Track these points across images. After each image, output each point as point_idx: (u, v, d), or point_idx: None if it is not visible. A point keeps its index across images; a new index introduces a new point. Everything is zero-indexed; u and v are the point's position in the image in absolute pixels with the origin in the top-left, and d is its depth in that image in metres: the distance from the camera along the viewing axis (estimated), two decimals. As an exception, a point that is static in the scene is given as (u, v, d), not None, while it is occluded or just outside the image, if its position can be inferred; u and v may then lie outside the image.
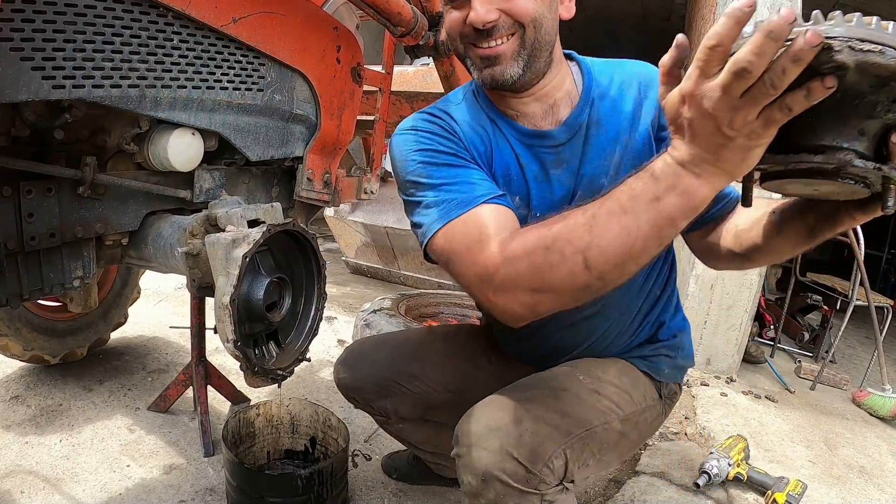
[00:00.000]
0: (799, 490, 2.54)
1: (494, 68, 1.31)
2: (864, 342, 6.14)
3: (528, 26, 1.27)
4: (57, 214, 1.38)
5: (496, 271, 1.09)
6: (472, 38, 1.31)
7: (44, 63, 1.14)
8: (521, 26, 1.27)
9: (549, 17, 1.29)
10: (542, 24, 1.28)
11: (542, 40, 1.29)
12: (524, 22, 1.26)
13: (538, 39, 1.29)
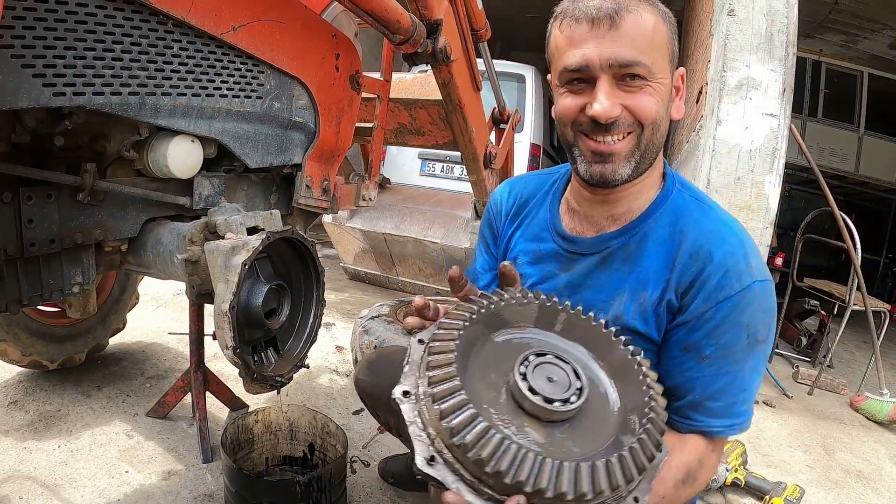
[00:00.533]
0: (797, 495, 2.54)
1: (605, 166, 1.24)
2: (862, 347, 6.15)
3: (647, 127, 1.21)
4: (57, 220, 1.39)
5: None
6: (587, 128, 1.24)
7: (45, 70, 1.15)
8: (640, 126, 1.21)
9: (665, 120, 1.24)
10: (661, 125, 1.23)
11: (656, 143, 1.25)
12: (644, 123, 1.21)
13: (653, 142, 1.24)
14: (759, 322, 1.19)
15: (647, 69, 1.17)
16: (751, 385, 1.23)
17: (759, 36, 3.87)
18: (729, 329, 1.18)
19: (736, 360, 1.19)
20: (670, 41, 1.22)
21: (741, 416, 1.23)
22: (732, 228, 1.25)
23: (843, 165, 10.31)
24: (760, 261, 1.21)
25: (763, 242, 3.89)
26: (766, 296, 1.20)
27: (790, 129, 3.95)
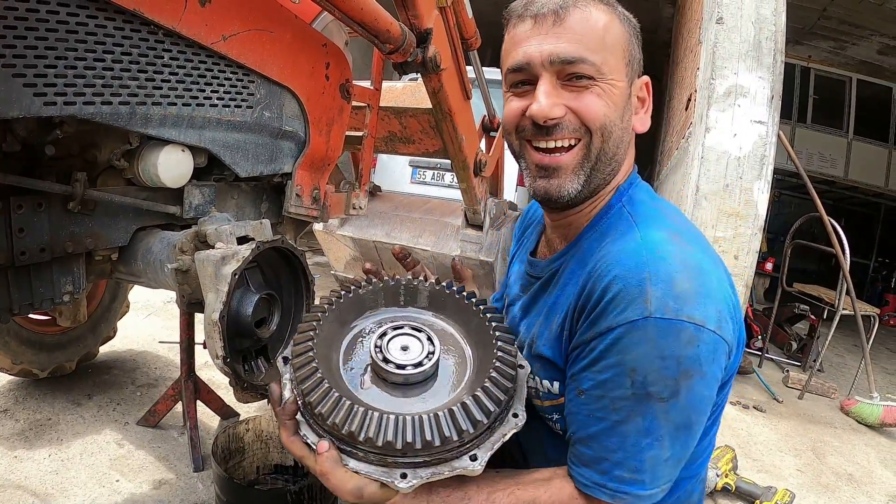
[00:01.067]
0: (787, 499, 2.56)
1: (550, 181, 1.16)
2: (852, 350, 6.19)
3: (595, 133, 1.12)
4: (47, 229, 1.39)
5: None
6: (529, 133, 1.15)
7: (35, 80, 1.15)
8: (587, 132, 1.12)
9: (619, 127, 1.13)
10: (612, 132, 1.12)
11: (608, 152, 1.14)
12: (592, 127, 1.11)
13: (604, 151, 1.13)
14: (652, 370, 0.95)
15: (594, 68, 1.08)
16: (636, 449, 0.99)
17: (747, 43, 3.90)
18: (610, 367, 0.99)
19: (616, 408, 0.99)
20: (628, 44, 1.13)
21: (616, 482, 1.00)
22: (641, 249, 1.02)
23: (832, 170, 10.38)
24: (671, 293, 0.95)
25: (752, 249, 3.91)
26: (665, 340, 0.95)
27: (778, 136, 3.98)
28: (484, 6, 11.08)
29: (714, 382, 1.01)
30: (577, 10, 1.09)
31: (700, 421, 1.02)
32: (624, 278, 0.99)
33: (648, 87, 1.19)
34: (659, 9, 9.87)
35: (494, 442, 0.97)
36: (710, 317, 0.96)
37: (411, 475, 0.93)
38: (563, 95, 1.10)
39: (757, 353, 5.09)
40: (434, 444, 0.91)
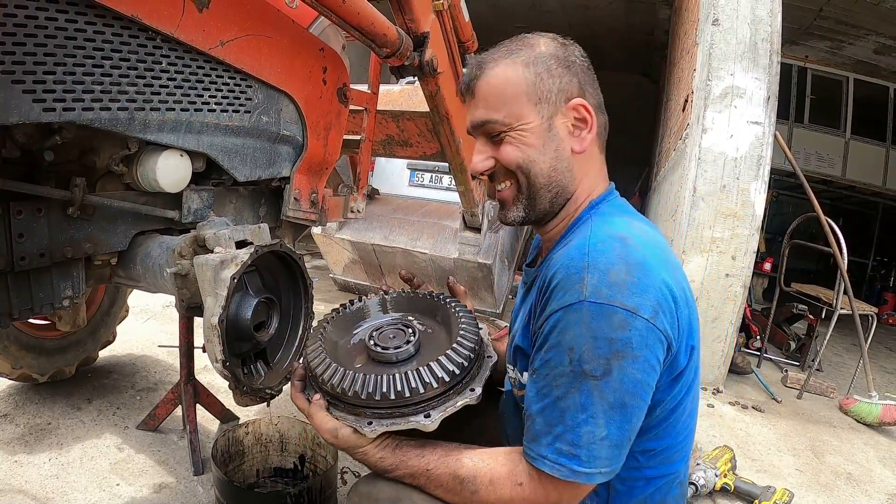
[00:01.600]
0: (786, 499, 2.56)
1: (501, 211, 1.38)
2: (851, 349, 6.19)
3: (517, 173, 1.28)
4: (47, 234, 1.40)
5: None
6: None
7: (35, 86, 1.16)
8: (512, 173, 1.29)
9: (542, 160, 1.27)
10: (531, 168, 1.27)
11: (537, 184, 1.28)
12: (512, 169, 1.28)
13: (532, 183, 1.28)
14: (587, 349, 1.05)
15: (500, 123, 1.26)
16: (573, 424, 1.07)
17: (743, 45, 3.91)
18: (554, 348, 1.10)
19: (557, 384, 1.09)
20: (532, 85, 1.25)
21: (556, 453, 1.08)
22: (586, 243, 1.14)
23: (829, 170, 10.38)
24: (606, 282, 1.06)
25: (749, 249, 3.92)
26: (598, 321, 1.05)
27: (775, 137, 3.99)
28: (482, 10, 11.08)
29: (649, 368, 1.09)
30: (480, 79, 1.29)
31: (634, 405, 1.09)
32: (567, 267, 1.12)
33: (580, 107, 1.27)
34: (656, 11, 9.89)
35: (447, 406, 1.19)
36: (643, 306, 1.06)
37: (376, 423, 1.17)
38: (491, 150, 1.31)
39: (755, 354, 5.10)
40: (389, 396, 1.15)
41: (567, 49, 1.30)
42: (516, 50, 1.29)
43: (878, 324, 4.73)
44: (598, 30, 12.20)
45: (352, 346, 1.41)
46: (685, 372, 1.20)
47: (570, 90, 1.27)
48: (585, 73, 1.30)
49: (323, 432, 1.22)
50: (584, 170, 1.32)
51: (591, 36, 12.73)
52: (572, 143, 1.28)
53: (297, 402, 1.30)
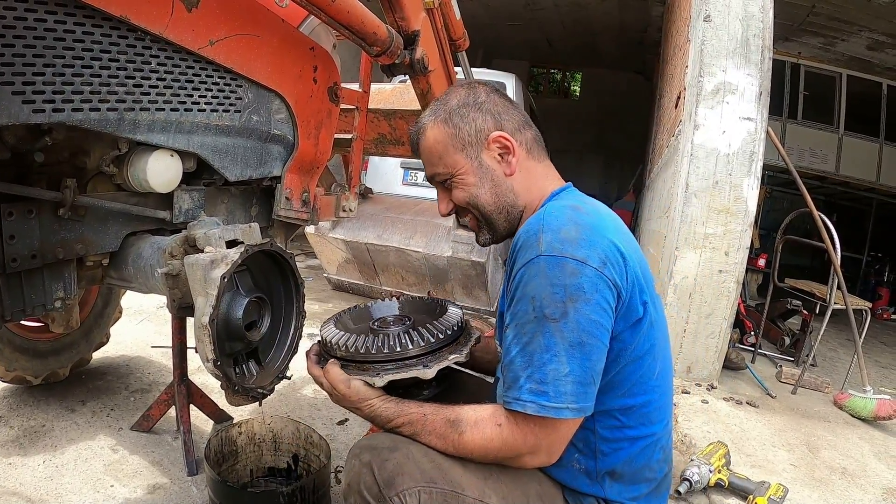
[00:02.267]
0: (780, 494, 2.57)
1: (475, 237, 1.63)
2: (845, 344, 6.21)
3: (469, 208, 1.54)
4: (38, 236, 1.40)
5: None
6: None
7: (24, 88, 1.15)
8: (465, 208, 1.55)
9: (483, 193, 1.50)
10: (477, 201, 1.51)
11: (487, 211, 1.52)
12: (464, 206, 1.54)
13: (483, 212, 1.52)
14: (546, 296, 1.22)
15: (444, 174, 1.52)
16: (539, 363, 1.22)
17: (734, 41, 3.92)
18: (520, 300, 1.27)
19: (525, 332, 1.25)
20: (454, 136, 1.49)
21: (526, 393, 1.22)
22: (542, 213, 1.34)
23: (823, 166, 10.40)
24: (558, 238, 1.24)
25: (742, 245, 3.93)
26: (553, 271, 1.23)
27: (767, 133, 4.00)
28: (475, 9, 11.09)
29: (600, 311, 1.24)
30: (420, 144, 1.56)
31: (592, 343, 1.23)
32: (526, 233, 1.32)
33: (501, 138, 1.49)
34: (649, 8, 9.91)
35: (441, 360, 1.40)
36: (591, 257, 1.23)
37: (383, 373, 1.36)
38: (445, 195, 1.57)
39: (750, 349, 5.10)
40: (395, 349, 1.38)
41: (475, 92, 1.52)
42: (436, 110, 1.52)
43: (873, 319, 4.76)
44: (591, 27, 12.22)
45: (359, 329, 1.64)
46: (643, 321, 1.34)
47: (487, 127, 1.49)
48: (496, 104, 1.51)
49: (337, 383, 1.38)
50: (526, 183, 1.52)
51: (585, 34, 12.77)
52: (503, 169, 1.50)
53: (313, 372, 1.48)
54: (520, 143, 1.51)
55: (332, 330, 1.52)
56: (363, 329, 1.63)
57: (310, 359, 1.53)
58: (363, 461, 1.27)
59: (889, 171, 10.46)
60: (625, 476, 1.40)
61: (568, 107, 17.60)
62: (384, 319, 1.65)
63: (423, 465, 1.27)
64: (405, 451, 1.28)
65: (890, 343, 6.92)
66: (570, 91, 19.03)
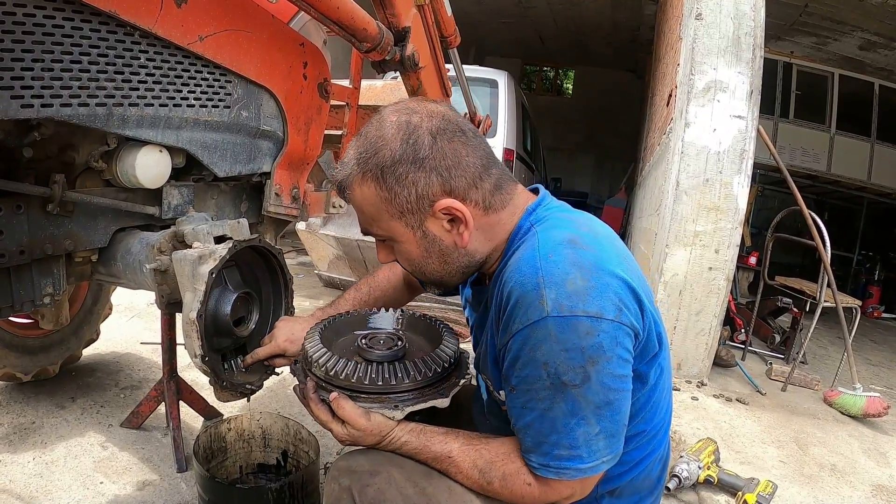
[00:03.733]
0: (769, 490, 2.58)
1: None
2: (835, 342, 6.23)
3: (412, 272, 1.35)
4: (26, 231, 1.39)
5: None
6: None
7: (12, 82, 1.15)
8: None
9: (430, 263, 1.28)
10: (424, 270, 1.30)
11: (432, 277, 1.32)
12: (409, 271, 1.37)
13: (427, 278, 1.33)
14: (560, 362, 1.06)
15: (378, 236, 1.29)
16: (567, 429, 1.10)
17: (726, 39, 3.93)
18: (527, 364, 1.11)
19: (540, 398, 1.10)
20: (388, 202, 1.20)
21: (558, 460, 1.11)
22: (535, 255, 1.13)
23: (815, 165, 10.43)
24: (564, 294, 1.06)
25: (732, 242, 3.95)
26: (565, 334, 1.05)
27: (758, 131, 4.01)
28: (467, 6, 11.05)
29: (623, 363, 1.11)
30: (345, 195, 1.28)
31: (619, 398, 1.12)
32: (522, 284, 1.11)
33: (450, 209, 1.19)
34: (641, 7, 9.93)
35: (454, 387, 1.32)
36: (605, 308, 1.07)
37: (402, 405, 1.24)
38: (385, 249, 1.34)
39: (740, 347, 5.12)
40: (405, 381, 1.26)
41: (415, 139, 1.17)
42: (365, 159, 1.20)
43: (863, 317, 4.78)
44: (584, 26, 12.24)
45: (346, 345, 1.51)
46: (659, 354, 1.24)
47: (430, 192, 1.18)
48: (444, 155, 1.17)
49: (356, 419, 1.22)
50: (484, 238, 1.28)
51: (577, 32, 12.78)
52: (454, 239, 1.24)
53: (321, 416, 1.27)
54: (475, 205, 1.22)
55: (325, 352, 1.31)
56: (349, 345, 1.50)
57: (312, 399, 1.29)
58: (342, 486, 1.22)
59: (880, 170, 10.51)
60: (624, 493, 1.34)
61: (560, 104, 17.62)
62: (375, 337, 1.46)
63: (405, 490, 1.20)
64: (386, 475, 1.22)
65: (880, 341, 6.95)
66: (562, 89, 19.05)
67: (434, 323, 1.55)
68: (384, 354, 1.36)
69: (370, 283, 1.84)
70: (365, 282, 1.85)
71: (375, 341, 1.42)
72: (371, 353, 1.36)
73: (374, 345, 1.40)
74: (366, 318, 1.60)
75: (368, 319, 1.60)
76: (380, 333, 1.49)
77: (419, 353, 1.39)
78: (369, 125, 1.25)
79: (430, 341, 1.51)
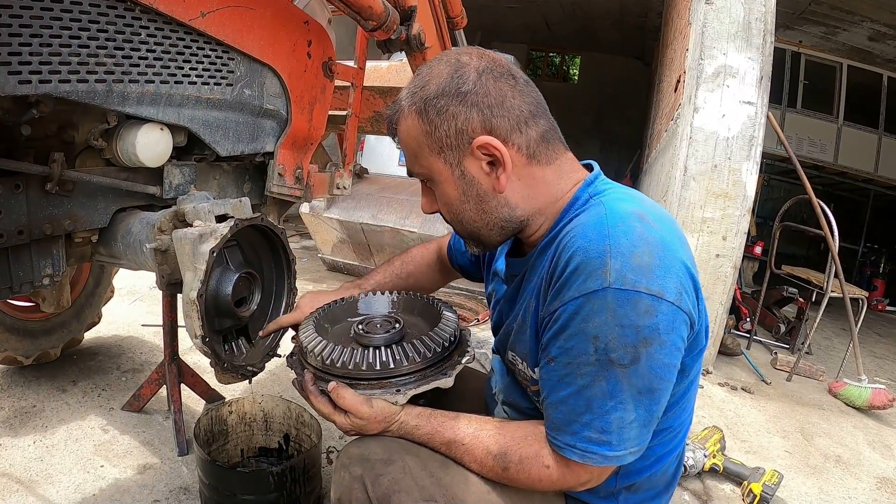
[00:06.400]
0: (775, 480, 2.56)
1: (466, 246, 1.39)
2: (840, 333, 6.21)
3: (452, 224, 1.31)
4: (25, 211, 1.37)
5: None
6: None
7: (9, 58, 1.13)
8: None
9: (468, 208, 1.23)
10: (461, 217, 1.25)
11: (470, 227, 1.27)
12: (447, 220, 1.31)
13: (465, 228, 1.28)
14: (613, 338, 1.02)
15: (420, 175, 1.26)
16: (602, 411, 1.05)
17: (736, 24, 3.89)
18: (574, 335, 1.06)
19: (582, 373, 1.05)
20: (428, 135, 1.19)
21: (585, 441, 1.07)
22: (604, 222, 1.07)
23: (821, 155, 10.38)
24: (630, 266, 1.01)
25: (740, 230, 3.92)
26: (623, 309, 1.01)
27: (768, 117, 3.97)
28: (474, -10, 10.92)
29: (675, 351, 1.06)
30: (395, 131, 1.26)
31: (662, 388, 1.08)
32: (585, 250, 1.05)
33: (488, 146, 1.15)
34: (650, -6, 9.85)
35: (456, 365, 1.29)
36: (668, 289, 1.02)
37: (403, 389, 1.22)
38: (429, 194, 1.31)
39: (745, 336, 5.10)
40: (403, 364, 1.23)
41: (460, 74, 1.16)
42: (411, 95, 1.21)
43: (868, 309, 4.74)
44: (591, 12, 12.16)
45: (341, 331, 1.50)
46: (703, 349, 1.21)
47: (471, 127, 1.15)
48: (488, 93, 1.15)
49: (359, 407, 1.20)
50: (526, 192, 1.23)
51: (585, 17, 12.71)
52: (492, 183, 1.20)
53: (321, 409, 1.26)
54: (517, 149, 1.18)
55: (325, 344, 1.29)
56: (344, 332, 1.48)
57: (311, 392, 1.28)
58: (354, 475, 1.19)
59: (887, 162, 10.45)
60: (641, 488, 1.30)
61: (566, 91, 17.53)
62: (371, 322, 1.44)
63: (421, 480, 1.16)
64: (401, 463, 1.18)
65: (885, 334, 6.93)
66: (568, 75, 18.97)
67: (431, 302, 1.54)
68: (382, 338, 1.34)
69: (403, 258, 1.84)
70: (398, 257, 1.83)
71: (372, 326, 1.41)
72: (368, 339, 1.35)
73: (370, 329, 1.38)
74: (360, 303, 1.58)
75: (363, 305, 1.58)
76: (375, 318, 1.46)
77: (417, 334, 1.35)
78: (423, 65, 1.25)
79: (428, 321, 1.49)
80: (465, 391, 1.47)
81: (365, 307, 1.58)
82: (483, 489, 1.19)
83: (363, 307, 1.58)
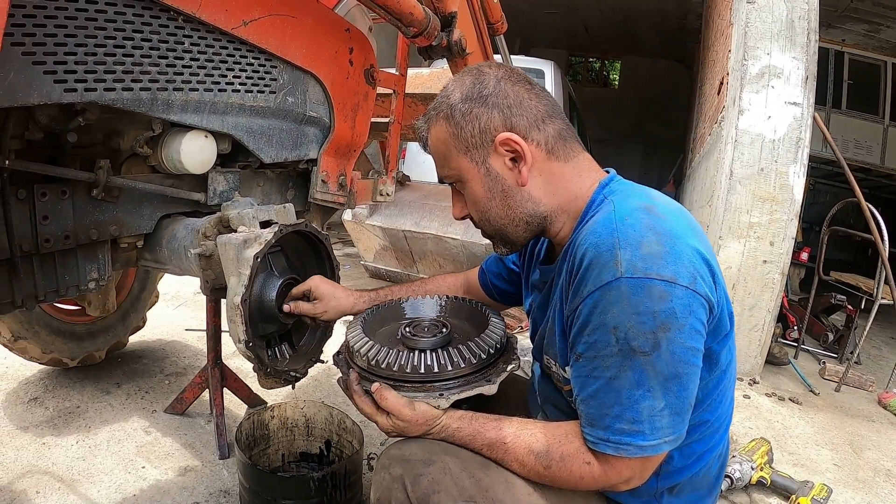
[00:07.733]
0: (824, 494, 2.50)
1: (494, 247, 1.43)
2: (890, 342, 6.05)
3: (480, 224, 1.37)
4: (71, 217, 1.40)
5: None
6: None
7: (55, 67, 1.15)
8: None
9: (494, 205, 1.31)
10: (488, 215, 1.32)
11: (497, 224, 1.33)
12: (475, 221, 1.38)
13: (496, 226, 1.34)
14: (631, 326, 1.05)
15: (450, 177, 1.34)
16: (630, 401, 1.07)
17: (779, 23, 3.81)
18: (597, 329, 1.09)
19: (607, 365, 1.09)
20: (455, 136, 1.28)
21: (618, 434, 1.09)
22: (612, 218, 1.13)
23: (868, 157, 10.13)
24: (639, 255, 1.05)
25: (788, 235, 3.83)
26: (638, 296, 1.04)
27: (814, 118, 3.89)
28: (513, -4, 10.84)
29: (695, 334, 1.08)
30: (428, 143, 1.36)
31: (688, 372, 1.09)
32: (596, 245, 1.10)
33: (510, 141, 1.24)
34: (689, -6, 9.74)
35: (501, 373, 1.31)
36: (680, 274, 1.06)
37: (447, 393, 1.23)
38: (459, 199, 1.39)
39: (793, 345, 4.99)
40: (448, 368, 1.25)
41: (481, 81, 1.28)
42: (438, 105, 1.32)
43: (920, 315, 4.61)
44: (630, 15, 12.06)
45: (388, 334, 1.51)
46: (729, 334, 1.22)
47: (493, 126, 1.25)
48: (506, 95, 1.26)
49: (401, 409, 1.23)
50: (548, 187, 1.30)
51: (624, 21, 12.60)
52: (515, 178, 1.28)
53: (365, 408, 1.30)
54: (537, 144, 1.26)
55: (372, 345, 1.31)
56: (392, 333, 1.50)
57: (355, 391, 1.32)
58: (394, 475, 1.20)
59: (936, 163, 10.17)
60: (684, 490, 1.31)
61: (607, 96, 17.38)
62: (418, 325, 1.47)
63: (461, 481, 1.17)
64: (441, 464, 1.19)
65: (936, 342, 6.75)
66: (608, 80, 18.83)
67: (479, 307, 1.54)
68: (428, 342, 1.36)
69: (424, 281, 1.86)
70: (418, 282, 1.85)
71: (419, 329, 1.43)
72: (415, 341, 1.37)
73: (417, 332, 1.41)
74: (408, 306, 1.60)
75: (411, 307, 1.59)
76: (423, 321, 1.49)
77: (464, 338, 1.37)
78: (449, 79, 1.37)
79: (475, 326, 1.50)
80: (507, 395, 1.47)
81: (412, 310, 1.59)
82: (524, 491, 1.20)
83: (410, 310, 1.59)
